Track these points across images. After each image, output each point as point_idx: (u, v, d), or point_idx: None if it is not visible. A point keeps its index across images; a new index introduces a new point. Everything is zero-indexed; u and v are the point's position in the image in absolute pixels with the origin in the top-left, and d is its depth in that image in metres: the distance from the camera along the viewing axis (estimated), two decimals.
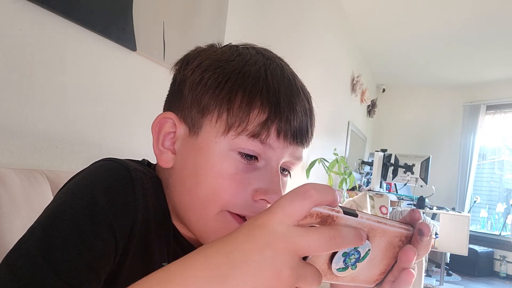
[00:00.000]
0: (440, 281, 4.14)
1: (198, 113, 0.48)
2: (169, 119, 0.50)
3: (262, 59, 0.50)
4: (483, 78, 5.31)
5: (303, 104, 0.49)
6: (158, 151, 0.50)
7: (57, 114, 1.02)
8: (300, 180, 2.99)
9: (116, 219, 0.42)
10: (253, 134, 0.45)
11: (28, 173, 0.82)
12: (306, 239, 0.29)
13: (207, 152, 0.47)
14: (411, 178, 4.14)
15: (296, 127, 0.47)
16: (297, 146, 0.49)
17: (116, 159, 0.47)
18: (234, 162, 0.46)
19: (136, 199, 0.44)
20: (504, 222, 5.21)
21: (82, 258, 0.39)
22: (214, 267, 0.30)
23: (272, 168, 0.47)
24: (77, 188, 0.43)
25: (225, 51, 0.51)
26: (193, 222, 0.49)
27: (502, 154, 5.65)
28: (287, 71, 0.51)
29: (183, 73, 0.51)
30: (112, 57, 1.18)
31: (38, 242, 0.38)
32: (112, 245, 0.42)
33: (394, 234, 0.36)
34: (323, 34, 3.31)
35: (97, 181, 0.43)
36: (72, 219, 0.40)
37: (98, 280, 0.40)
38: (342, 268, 0.33)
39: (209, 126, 0.47)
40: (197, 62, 0.50)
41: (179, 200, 0.49)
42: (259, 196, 0.46)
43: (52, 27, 0.99)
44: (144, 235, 0.46)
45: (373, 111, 5.72)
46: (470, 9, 3.51)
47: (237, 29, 1.80)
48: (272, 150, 0.47)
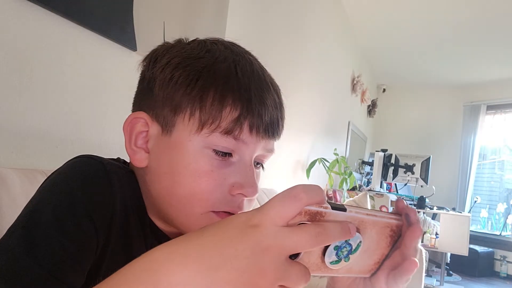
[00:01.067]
0: (441, 281, 4.14)
1: (171, 112, 0.48)
2: (141, 119, 0.51)
3: (231, 55, 0.50)
4: (483, 78, 5.31)
5: (273, 98, 0.50)
6: (131, 150, 0.51)
7: (57, 114, 1.02)
8: (300, 179, 2.99)
9: (95, 211, 0.43)
10: (226, 131, 0.46)
11: (28, 173, 0.82)
12: (293, 239, 0.31)
13: (182, 150, 0.47)
14: (412, 178, 4.14)
15: (267, 121, 0.48)
16: (269, 140, 0.50)
17: (90, 155, 0.48)
18: (209, 159, 0.47)
19: (113, 191, 0.45)
20: (504, 222, 5.21)
21: (65, 251, 0.39)
22: (207, 259, 0.30)
23: (246, 163, 0.48)
24: (55, 184, 0.44)
25: (194, 47, 0.51)
26: (177, 219, 0.50)
27: (502, 154, 5.64)
28: (256, 66, 0.51)
29: (152, 71, 0.51)
30: (113, 57, 1.18)
31: (20, 239, 0.38)
32: (93, 236, 0.42)
33: (384, 225, 0.37)
34: (324, 34, 3.31)
35: (74, 176, 0.44)
36: (52, 213, 0.40)
37: (82, 272, 0.41)
38: (335, 261, 0.34)
39: (182, 125, 0.48)
40: (165, 59, 0.50)
41: (157, 197, 0.50)
42: (236, 191, 0.47)
43: (52, 27, 0.99)
44: (123, 227, 0.46)
45: (374, 111, 5.72)
46: (470, 9, 3.51)
47: (237, 29, 1.80)
48: (245, 145, 0.48)
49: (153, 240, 0.51)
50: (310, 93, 3.01)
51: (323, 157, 3.13)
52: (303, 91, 2.80)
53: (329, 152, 3.41)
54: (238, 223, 0.32)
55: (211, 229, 0.33)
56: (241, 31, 1.85)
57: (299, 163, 2.96)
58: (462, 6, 3.48)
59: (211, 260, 0.30)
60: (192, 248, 0.31)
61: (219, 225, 0.33)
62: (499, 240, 5.04)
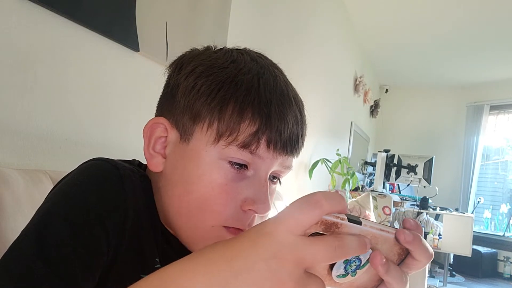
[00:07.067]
0: (444, 282, 4.13)
1: (190, 120, 0.48)
2: (161, 124, 0.51)
3: (256, 67, 0.50)
4: (486, 78, 5.29)
5: (294, 114, 0.49)
6: (149, 154, 0.51)
7: (60, 115, 1.02)
8: (302, 180, 2.98)
9: (108, 216, 0.43)
10: (243, 145, 0.45)
11: (31, 173, 0.82)
12: (311, 250, 0.29)
13: (197, 160, 0.47)
14: (414, 178, 4.13)
15: (286, 138, 0.47)
16: (287, 156, 0.49)
17: (105, 158, 0.48)
18: (224, 171, 0.46)
19: (126, 197, 0.45)
20: (508, 223, 5.18)
21: (77, 257, 0.39)
22: (215, 273, 0.29)
23: (260, 178, 0.47)
24: (69, 188, 0.44)
25: (220, 56, 0.51)
26: (184, 230, 0.49)
27: (505, 155, 5.63)
28: (280, 80, 0.50)
29: (177, 78, 0.51)
30: (115, 57, 1.18)
31: (32, 243, 0.38)
32: (105, 242, 0.42)
33: (395, 242, 0.36)
34: (326, 34, 3.31)
35: (88, 180, 0.44)
36: (65, 219, 0.40)
37: (93, 278, 0.41)
38: (342, 275, 0.33)
39: (200, 134, 0.47)
40: (191, 67, 0.50)
41: (168, 204, 0.50)
42: (247, 206, 0.46)
43: (55, 28, 0.99)
44: (135, 231, 0.46)
45: (376, 112, 5.71)
46: (473, 9, 3.50)
47: (240, 30, 1.80)
48: (261, 160, 0.47)
49: (165, 245, 0.51)
50: (312, 94, 3.01)
51: (325, 158, 3.13)
52: (305, 92, 2.79)
53: (332, 153, 3.40)
54: (250, 231, 0.31)
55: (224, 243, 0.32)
56: (244, 32, 1.85)
57: (302, 164, 2.96)
58: (465, 6, 3.47)
59: (219, 274, 0.29)
60: (201, 263, 0.31)
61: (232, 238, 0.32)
62: (502, 241, 5.02)
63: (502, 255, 5.01)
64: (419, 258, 0.35)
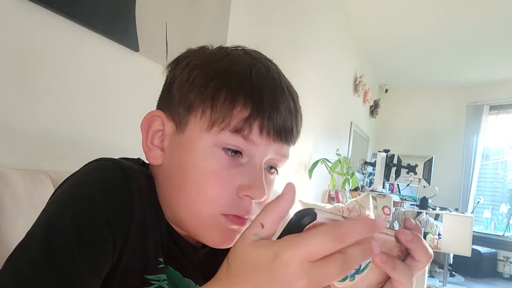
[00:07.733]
0: (443, 282, 4.13)
1: (185, 110, 0.49)
2: (158, 117, 0.52)
3: (249, 59, 0.51)
4: (486, 78, 5.29)
5: (287, 102, 0.50)
6: (147, 148, 0.52)
7: (60, 115, 1.02)
8: (302, 179, 2.99)
9: (114, 218, 0.43)
10: (235, 130, 0.46)
11: (31, 173, 0.82)
12: (322, 273, 0.30)
13: (192, 148, 0.48)
14: (414, 178, 4.14)
15: (279, 125, 0.48)
16: (282, 144, 0.50)
17: (110, 159, 0.48)
18: (218, 158, 0.47)
19: (132, 198, 0.45)
20: (507, 223, 5.18)
21: (83, 258, 0.39)
22: None
23: (255, 164, 0.48)
24: (75, 189, 0.44)
25: (214, 52, 0.53)
26: (187, 221, 0.50)
27: (505, 155, 5.63)
28: (272, 71, 0.51)
29: (173, 73, 0.52)
30: (115, 57, 1.18)
31: (39, 244, 0.39)
32: (110, 243, 0.42)
33: (394, 244, 0.36)
34: (326, 34, 3.31)
35: (94, 181, 0.44)
36: (71, 220, 0.40)
37: (99, 278, 0.41)
38: (340, 280, 0.34)
39: (194, 123, 0.48)
40: (186, 62, 0.52)
41: (169, 196, 0.50)
42: (242, 192, 0.47)
43: (55, 28, 0.99)
44: (140, 232, 0.46)
45: (376, 112, 5.71)
46: (473, 9, 3.50)
47: (240, 29, 1.80)
48: (255, 147, 0.47)
49: (170, 244, 0.51)
50: (312, 93, 3.01)
51: (325, 158, 3.13)
52: (305, 91, 2.80)
53: (332, 153, 3.40)
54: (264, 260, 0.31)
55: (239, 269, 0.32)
56: (244, 31, 1.85)
57: (302, 164, 2.96)
58: (466, 6, 3.47)
59: None
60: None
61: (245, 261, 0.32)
62: (502, 241, 5.02)
63: (502, 255, 5.01)
64: (419, 259, 0.35)
